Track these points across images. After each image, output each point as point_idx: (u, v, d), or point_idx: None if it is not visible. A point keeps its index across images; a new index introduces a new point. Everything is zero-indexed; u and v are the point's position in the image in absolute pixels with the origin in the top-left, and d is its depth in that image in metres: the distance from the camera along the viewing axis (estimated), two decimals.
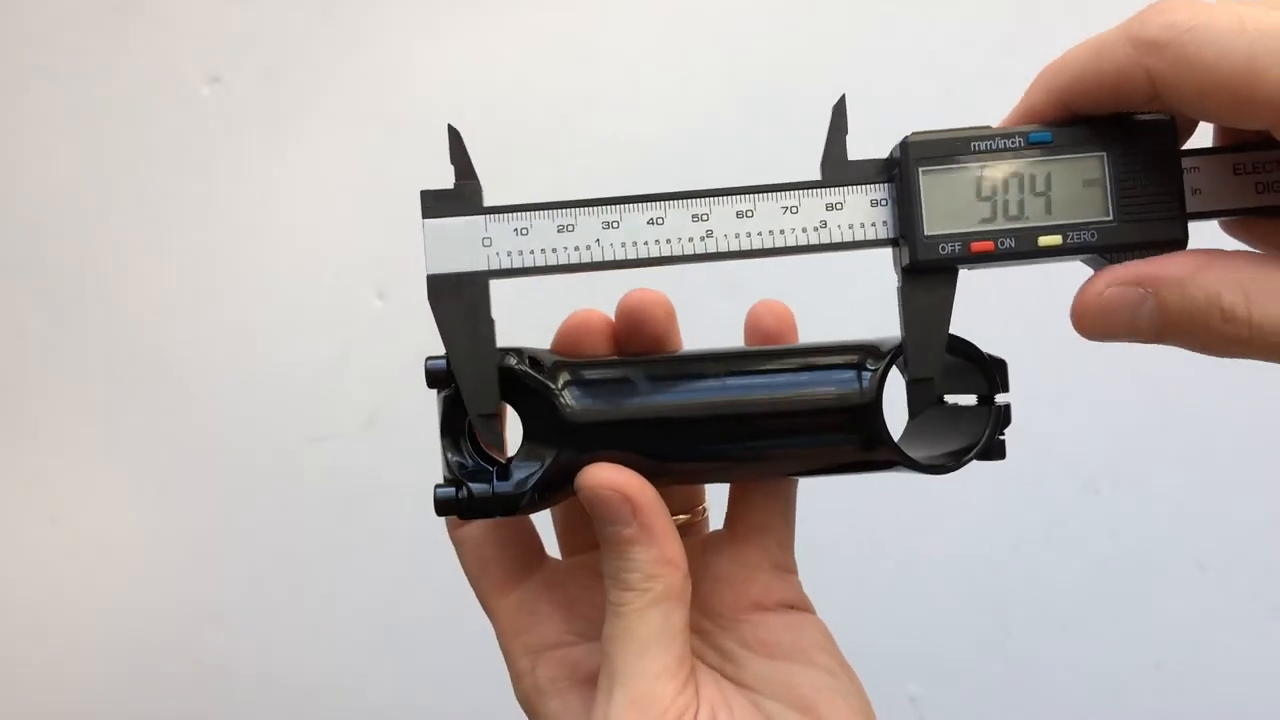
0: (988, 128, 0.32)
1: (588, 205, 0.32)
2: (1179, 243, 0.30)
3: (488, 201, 0.33)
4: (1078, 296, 0.29)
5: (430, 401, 0.36)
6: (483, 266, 0.32)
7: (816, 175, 0.34)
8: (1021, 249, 0.31)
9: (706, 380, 0.35)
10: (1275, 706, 0.73)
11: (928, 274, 0.31)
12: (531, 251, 0.32)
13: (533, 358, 0.35)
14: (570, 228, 0.32)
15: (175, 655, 0.80)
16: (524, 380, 0.34)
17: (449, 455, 0.35)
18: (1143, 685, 0.74)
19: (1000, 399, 0.35)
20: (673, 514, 0.35)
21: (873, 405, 0.34)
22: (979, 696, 0.73)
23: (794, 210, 0.33)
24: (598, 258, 0.32)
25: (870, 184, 0.32)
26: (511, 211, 0.32)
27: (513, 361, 0.34)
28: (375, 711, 0.79)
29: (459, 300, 0.32)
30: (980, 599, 0.74)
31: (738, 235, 0.33)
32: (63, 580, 0.81)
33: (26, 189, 0.86)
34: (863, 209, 0.32)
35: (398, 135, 0.82)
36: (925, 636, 0.73)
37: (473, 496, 0.34)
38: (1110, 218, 0.31)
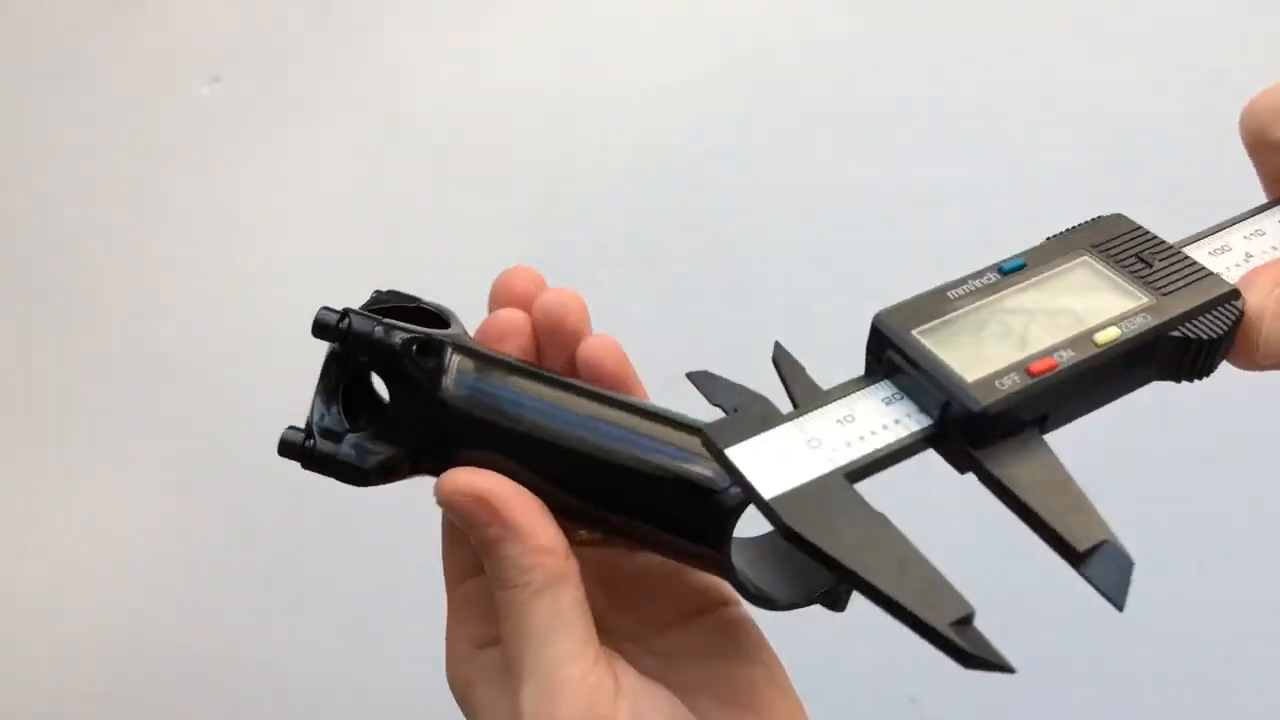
0: (951, 281, 0.27)
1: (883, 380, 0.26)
2: (1234, 294, 0.26)
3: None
4: (1249, 324, 0.25)
5: None
6: (829, 468, 0.24)
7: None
8: (1085, 354, 0.24)
9: (588, 416, 0.34)
10: (1275, 706, 0.73)
11: (1005, 443, 0.24)
12: (873, 433, 0.25)
13: (423, 341, 0.34)
14: (898, 396, 0.25)
15: (175, 655, 0.80)
16: (407, 368, 0.33)
17: (316, 407, 0.35)
18: (1143, 685, 0.74)
19: None
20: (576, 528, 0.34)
21: (732, 510, 0.31)
22: (979, 696, 0.73)
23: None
24: (931, 419, 0.25)
25: (869, 386, 0.26)
26: (816, 410, 0.25)
27: (397, 341, 0.33)
28: (375, 711, 0.79)
29: (828, 509, 0.24)
30: (980, 599, 0.74)
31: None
32: (63, 580, 0.81)
33: (26, 189, 0.86)
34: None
35: (398, 135, 0.82)
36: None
37: (316, 451, 0.35)
38: (1147, 299, 0.26)
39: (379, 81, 0.83)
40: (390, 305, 0.37)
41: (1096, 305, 0.26)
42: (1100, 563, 0.23)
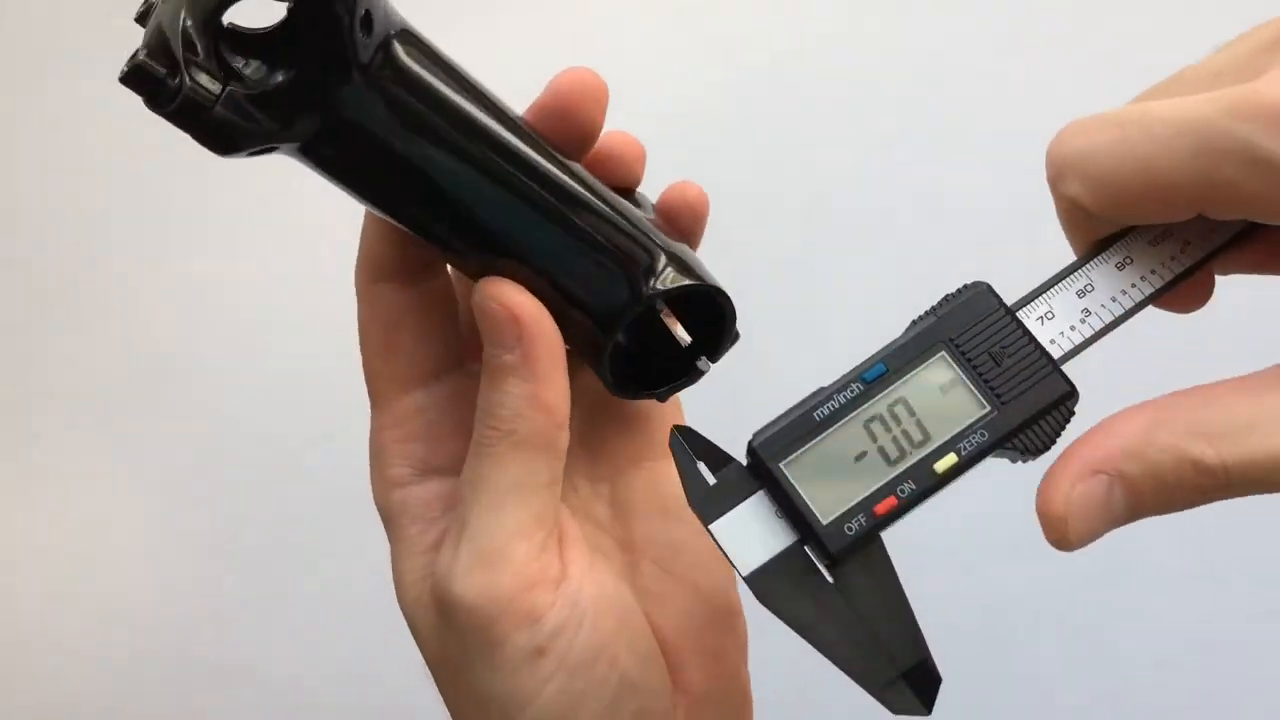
0: (821, 390, 0.29)
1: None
2: (1068, 395, 0.28)
3: None
4: (1044, 512, 0.26)
5: None
6: (795, 538, 0.29)
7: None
8: (924, 486, 0.28)
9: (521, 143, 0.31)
10: (1275, 706, 0.73)
11: (854, 557, 0.28)
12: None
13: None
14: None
15: (175, 655, 0.80)
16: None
17: (183, 34, 0.25)
18: (1143, 685, 0.74)
19: (702, 364, 0.34)
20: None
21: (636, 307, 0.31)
22: (979, 696, 0.73)
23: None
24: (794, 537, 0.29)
25: (749, 497, 0.29)
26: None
27: None
28: (376, 711, 0.79)
29: (789, 582, 0.28)
30: (980, 599, 0.74)
31: None
32: (63, 580, 0.81)
33: (26, 189, 0.86)
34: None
35: None
36: (925, 636, 0.72)
37: (184, 94, 0.26)
38: (988, 409, 0.29)
39: None
40: None
41: (944, 417, 0.29)
42: (918, 677, 0.28)
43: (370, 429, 0.34)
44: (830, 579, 0.28)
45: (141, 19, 0.27)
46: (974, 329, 0.29)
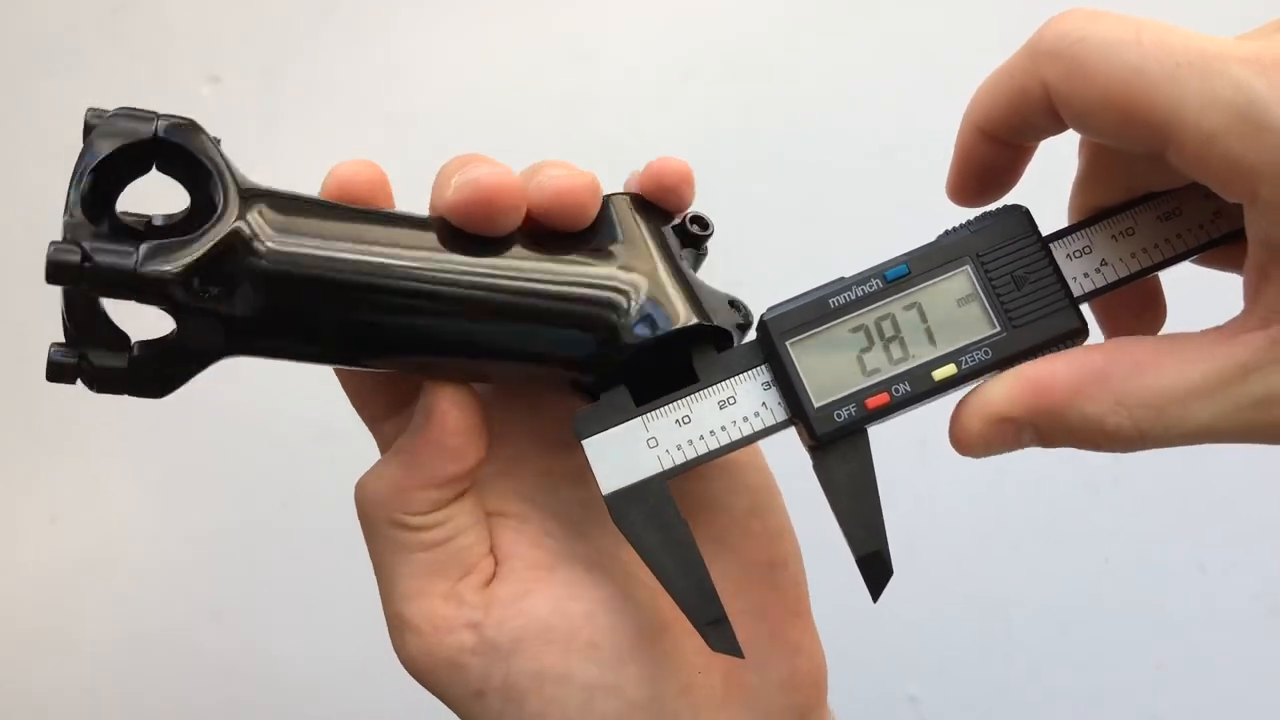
0: (842, 279, 0.30)
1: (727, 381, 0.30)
2: (1077, 332, 0.29)
3: None
4: (953, 426, 0.28)
5: None
6: (656, 469, 0.29)
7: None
8: (919, 390, 0.29)
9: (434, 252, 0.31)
10: (1275, 706, 0.73)
11: (836, 445, 0.29)
12: (701, 438, 0.30)
13: (212, 259, 0.28)
14: (732, 400, 0.30)
15: (175, 654, 0.80)
16: (202, 161, 0.27)
17: (75, 223, 0.27)
18: (1143, 685, 0.74)
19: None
20: None
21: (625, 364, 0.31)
22: (979, 697, 0.73)
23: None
24: (767, 423, 0.30)
25: (752, 369, 0.30)
26: (667, 404, 0.30)
27: (172, 276, 0.27)
28: (376, 710, 0.79)
29: (644, 511, 0.29)
30: (980, 599, 0.74)
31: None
32: (63, 580, 0.81)
33: (26, 189, 0.86)
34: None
35: (398, 135, 0.82)
36: (925, 636, 0.72)
37: (92, 363, 0.28)
38: (998, 329, 0.29)
39: (380, 81, 0.83)
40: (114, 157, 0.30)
41: (954, 328, 0.29)
42: (871, 571, 0.29)
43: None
44: (812, 459, 0.29)
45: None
46: (1003, 249, 0.29)
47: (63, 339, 0.29)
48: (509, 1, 0.83)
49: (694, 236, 0.35)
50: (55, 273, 0.28)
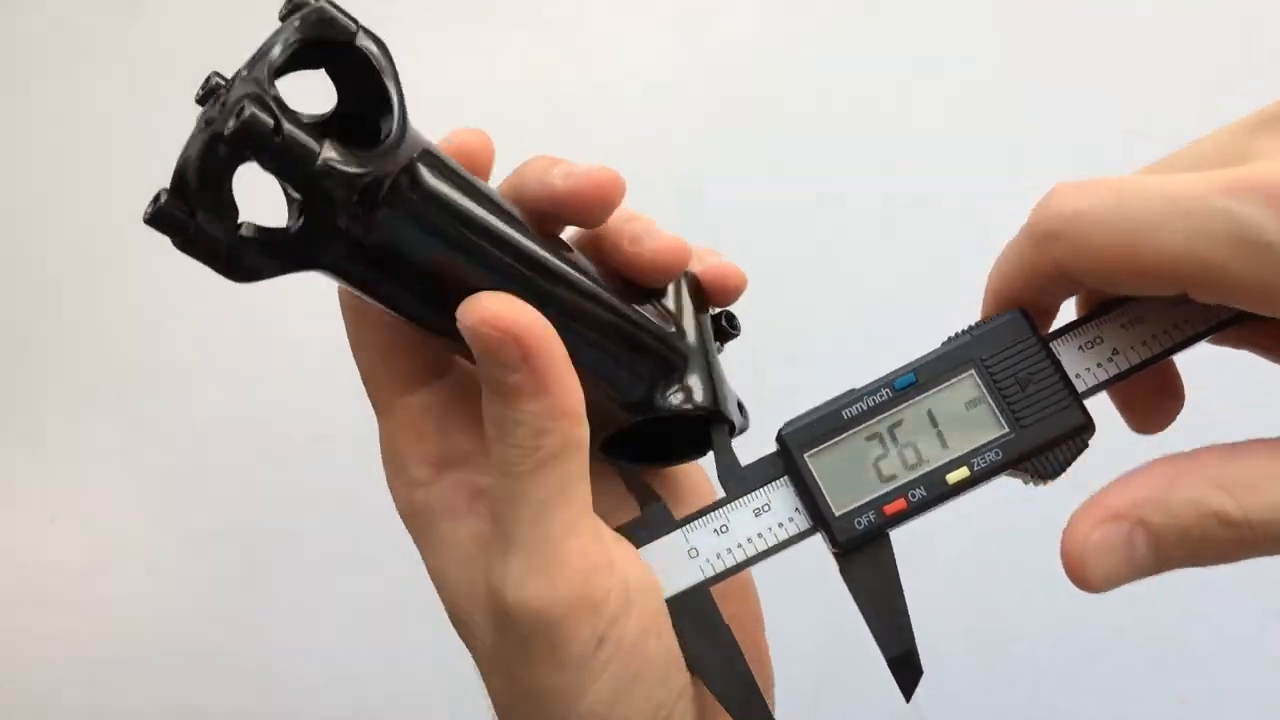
0: (853, 391, 0.31)
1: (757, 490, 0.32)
2: (1084, 428, 0.30)
3: None
4: (1067, 554, 0.27)
5: None
6: (699, 578, 0.31)
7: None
8: (934, 494, 0.30)
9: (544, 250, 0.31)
10: (1275, 706, 0.73)
11: (860, 550, 0.31)
12: (739, 545, 0.31)
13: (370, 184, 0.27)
14: (767, 508, 0.32)
15: (175, 654, 0.80)
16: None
17: (270, 94, 0.27)
18: (1143, 686, 0.74)
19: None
20: None
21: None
22: (979, 697, 0.73)
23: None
24: (801, 528, 0.31)
25: (777, 480, 0.32)
26: (705, 515, 0.32)
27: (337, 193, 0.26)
28: (376, 710, 0.79)
29: (691, 617, 0.31)
30: (980, 600, 0.74)
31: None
32: (62, 580, 0.81)
33: (26, 189, 0.86)
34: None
35: None
36: (925, 637, 0.73)
37: (194, 237, 0.27)
38: (1006, 430, 0.30)
39: None
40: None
41: (964, 431, 0.30)
42: (903, 673, 0.31)
43: (381, 437, 0.33)
44: (838, 565, 0.31)
45: (202, 100, 0.29)
46: (1005, 353, 0.31)
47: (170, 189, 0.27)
48: (509, 3, 0.83)
49: (725, 333, 0.37)
50: (244, 132, 0.26)
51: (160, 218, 0.27)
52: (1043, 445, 0.30)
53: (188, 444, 0.81)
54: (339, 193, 0.27)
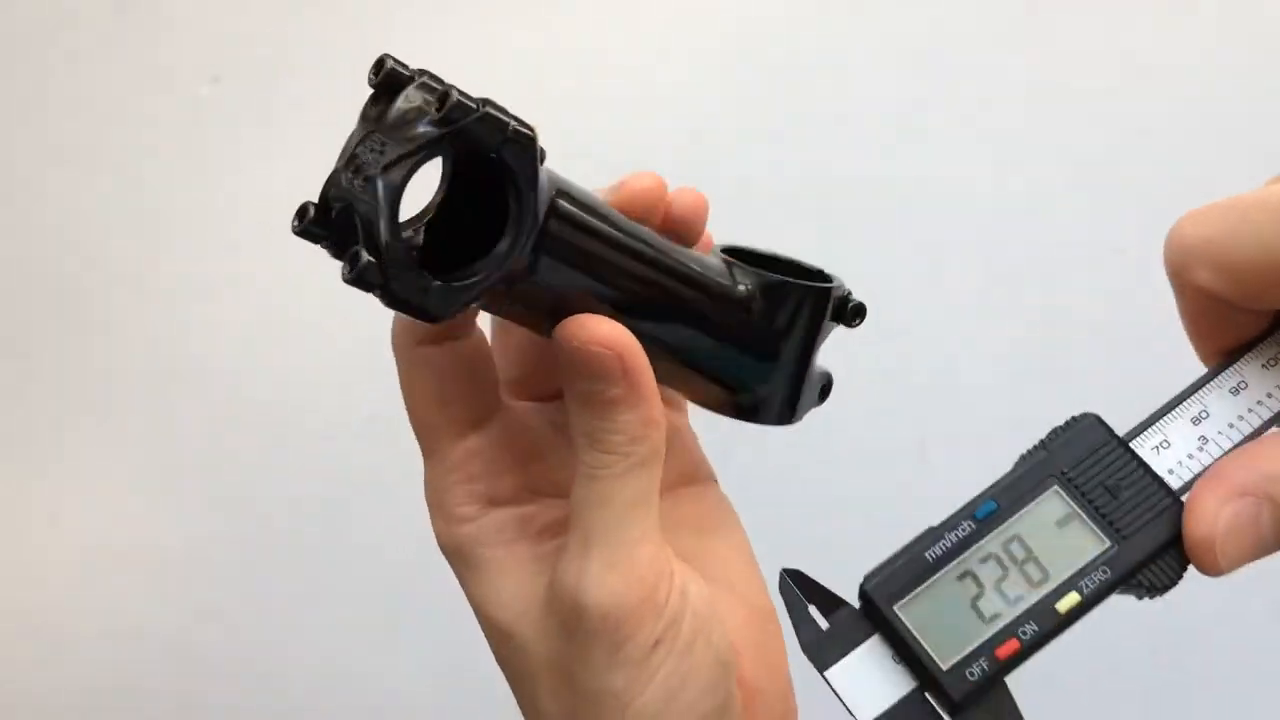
0: (931, 529, 0.29)
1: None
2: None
3: None
4: (1194, 535, 0.26)
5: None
6: (913, 684, 0.28)
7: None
8: (1046, 627, 0.28)
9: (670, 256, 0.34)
10: (1276, 706, 0.73)
11: (977, 705, 0.28)
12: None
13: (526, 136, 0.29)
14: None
15: (175, 654, 0.80)
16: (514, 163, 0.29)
17: (383, 227, 0.29)
18: (1143, 685, 0.74)
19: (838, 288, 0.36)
20: None
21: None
22: None
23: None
24: (901, 691, 0.28)
25: (864, 642, 0.29)
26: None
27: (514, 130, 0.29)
28: (375, 710, 0.79)
29: None
30: None
31: None
32: (62, 580, 0.81)
33: (26, 189, 0.86)
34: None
35: None
36: None
37: (392, 294, 0.29)
38: (1108, 544, 0.28)
39: None
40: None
41: (1062, 553, 0.28)
42: None
43: (427, 479, 0.35)
44: None
45: (345, 167, 0.31)
46: (1086, 461, 0.29)
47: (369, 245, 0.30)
48: (509, 2, 0.83)
49: (848, 317, 0.38)
50: (357, 281, 0.30)
51: (359, 281, 0.30)
52: (1151, 554, 0.28)
53: (188, 444, 0.81)
54: (456, 312, 0.30)
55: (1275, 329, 0.28)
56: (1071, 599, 0.28)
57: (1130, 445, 0.29)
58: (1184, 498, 0.28)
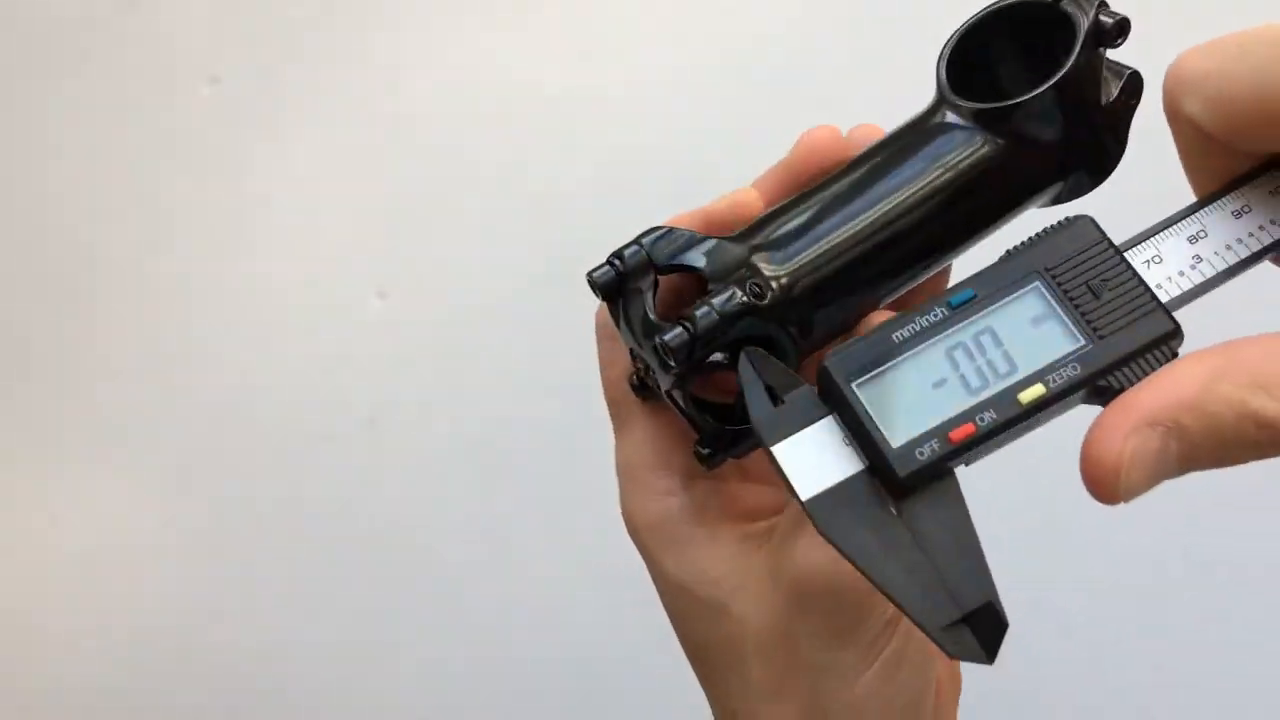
0: (904, 314, 0.28)
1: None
2: (1172, 334, 0.26)
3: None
4: (1096, 462, 0.25)
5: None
6: (860, 466, 0.27)
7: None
8: (1006, 416, 0.26)
9: (866, 191, 0.32)
10: (1275, 706, 0.73)
11: (924, 492, 0.26)
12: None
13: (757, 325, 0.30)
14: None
15: (175, 655, 0.80)
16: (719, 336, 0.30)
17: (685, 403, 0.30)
18: (1143, 685, 0.74)
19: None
20: None
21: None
22: (979, 697, 0.73)
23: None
24: (847, 472, 0.28)
25: (817, 422, 0.27)
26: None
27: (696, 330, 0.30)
28: (375, 711, 0.79)
29: (851, 512, 0.27)
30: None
31: None
32: (62, 580, 0.81)
33: (26, 188, 0.86)
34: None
35: (397, 135, 0.82)
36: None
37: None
38: (1083, 342, 0.26)
39: (379, 81, 0.83)
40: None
41: (1033, 349, 0.27)
42: (982, 621, 0.26)
43: (619, 452, 0.35)
44: (896, 511, 0.27)
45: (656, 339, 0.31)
46: (1073, 260, 0.27)
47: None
48: (509, 2, 0.83)
49: (1114, 41, 0.33)
50: (676, 353, 0.30)
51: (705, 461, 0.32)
52: (1125, 356, 0.26)
53: (188, 444, 0.81)
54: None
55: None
56: (1036, 390, 0.26)
57: (1123, 254, 0.27)
58: (1173, 311, 0.27)
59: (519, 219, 0.80)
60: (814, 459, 0.27)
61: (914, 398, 0.27)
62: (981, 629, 0.26)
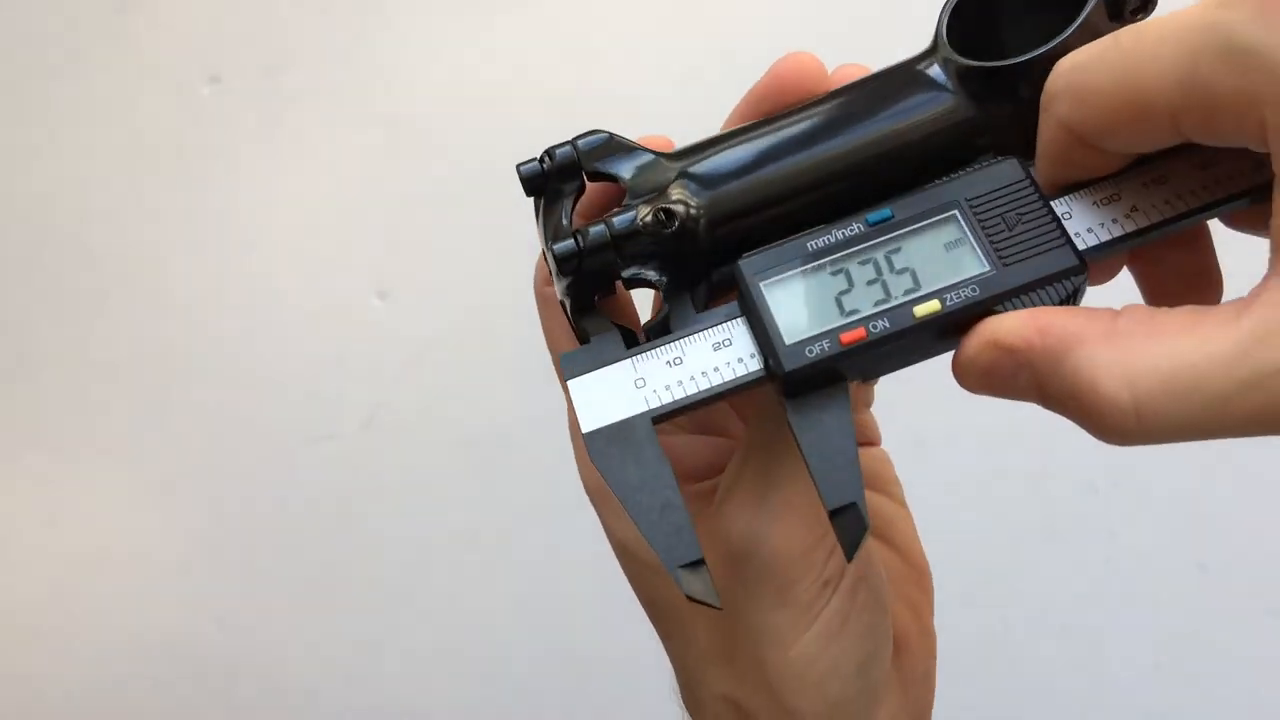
0: (822, 225, 0.29)
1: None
2: (1076, 270, 0.27)
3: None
4: (955, 355, 0.27)
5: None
6: (642, 409, 0.28)
7: None
8: (898, 326, 0.27)
9: (818, 135, 0.31)
10: (1275, 706, 0.73)
11: (811, 390, 0.27)
12: (692, 379, 0.28)
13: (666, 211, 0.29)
14: (728, 343, 0.29)
15: (174, 655, 0.80)
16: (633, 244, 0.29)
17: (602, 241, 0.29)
18: (1143, 685, 0.74)
19: None
20: None
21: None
22: (979, 696, 0.73)
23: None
24: (752, 368, 0.28)
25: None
26: (659, 346, 0.29)
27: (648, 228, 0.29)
28: (375, 711, 0.79)
29: (624, 449, 0.28)
30: (980, 599, 0.74)
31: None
32: (61, 581, 0.81)
33: (26, 188, 0.86)
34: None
35: (397, 134, 0.82)
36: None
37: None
38: (987, 268, 0.27)
39: (378, 80, 0.83)
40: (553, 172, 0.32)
41: (940, 270, 0.27)
42: (843, 525, 0.27)
43: (570, 415, 0.34)
44: (784, 408, 0.28)
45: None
46: (995, 194, 0.28)
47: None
48: (508, 1, 0.83)
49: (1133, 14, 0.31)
50: (560, 263, 0.30)
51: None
52: (1025, 285, 0.27)
53: (187, 444, 0.81)
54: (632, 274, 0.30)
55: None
56: (931, 306, 0.27)
57: (1043, 192, 0.28)
58: (1101, 261, 0.27)
59: (519, 219, 0.80)
60: (604, 396, 0.28)
61: (817, 303, 0.28)
62: (845, 527, 0.27)
